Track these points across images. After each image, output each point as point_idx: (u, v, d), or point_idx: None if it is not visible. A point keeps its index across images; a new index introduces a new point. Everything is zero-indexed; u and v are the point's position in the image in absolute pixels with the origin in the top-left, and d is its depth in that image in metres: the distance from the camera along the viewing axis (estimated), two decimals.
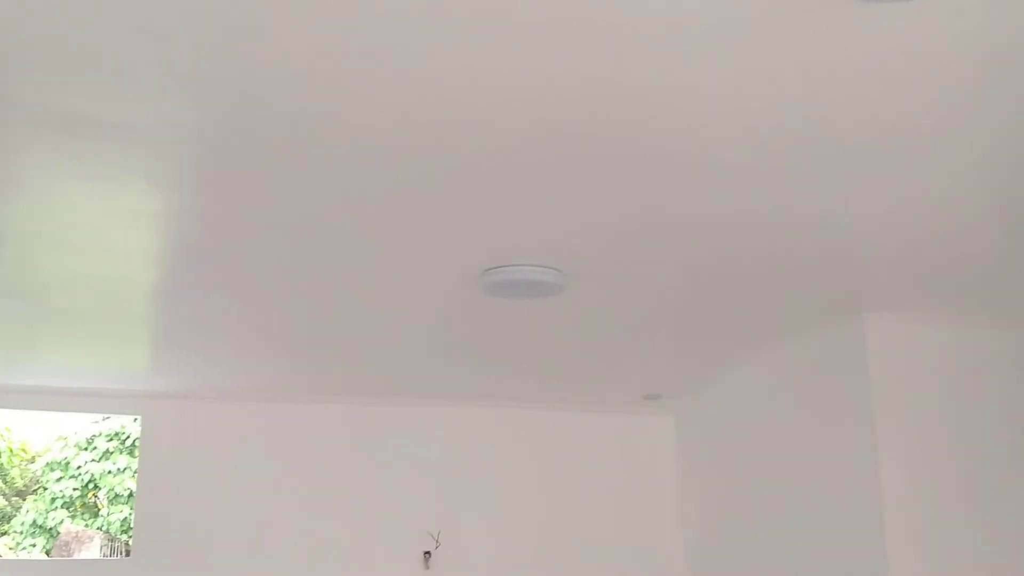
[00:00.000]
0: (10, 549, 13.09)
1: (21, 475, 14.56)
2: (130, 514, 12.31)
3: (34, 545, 13.02)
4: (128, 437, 13.26)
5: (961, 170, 2.88)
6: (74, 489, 13.19)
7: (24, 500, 14.07)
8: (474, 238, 3.36)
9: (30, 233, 3.23)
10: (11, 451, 14.36)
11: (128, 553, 12.09)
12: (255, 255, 3.50)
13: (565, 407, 6.19)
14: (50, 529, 13.10)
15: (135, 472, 11.08)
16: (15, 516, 13.66)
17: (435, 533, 5.91)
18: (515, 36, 2.11)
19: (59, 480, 13.33)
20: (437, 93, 2.34)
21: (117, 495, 13.11)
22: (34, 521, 13.16)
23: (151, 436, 5.74)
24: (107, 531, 13.13)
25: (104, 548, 12.95)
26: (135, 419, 11.53)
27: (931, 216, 3.26)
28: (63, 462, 13.39)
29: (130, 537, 11.14)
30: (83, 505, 13.35)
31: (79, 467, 13.24)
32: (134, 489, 8.74)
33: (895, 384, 4.40)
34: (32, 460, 14.45)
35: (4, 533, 13.54)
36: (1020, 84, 2.36)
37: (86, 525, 13.20)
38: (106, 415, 12.26)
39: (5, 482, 14.35)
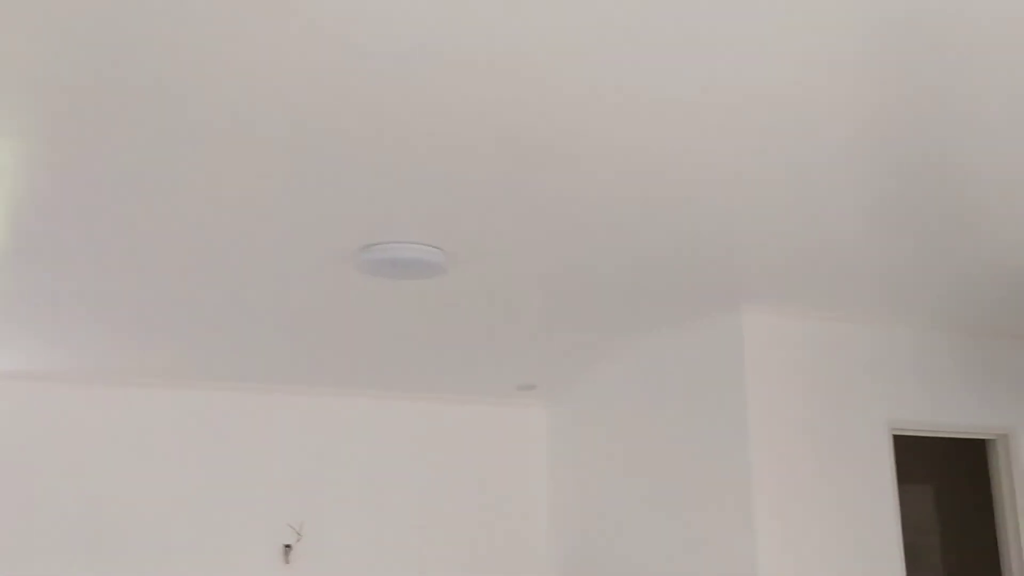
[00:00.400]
0: None
1: None
2: None
3: None
4: None
5: (833, 161, 2.85)
6: None
7: None
8: (352, 212, 3.15)
9: None
10: None
11: None
12: (104, 222, 3.18)
13: (437, 397, 6.01)
14: None
15: None
16: None
17: (297, 526, 5.64)
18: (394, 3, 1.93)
19: None
20: (311, 65, 2.15)
21: None
22: None
23: None
24: None
25: None
26: None
27: (805, 209, 3.24)
28: None
29: None
30: None
31: None
32: None
33: (769, 379, 4.43)
34: None
35: None
36: (892, 71, 2.31)
37: None
38: None
39: None
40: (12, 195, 2.97)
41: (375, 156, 2.71)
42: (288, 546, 5.60)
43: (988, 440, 5.07)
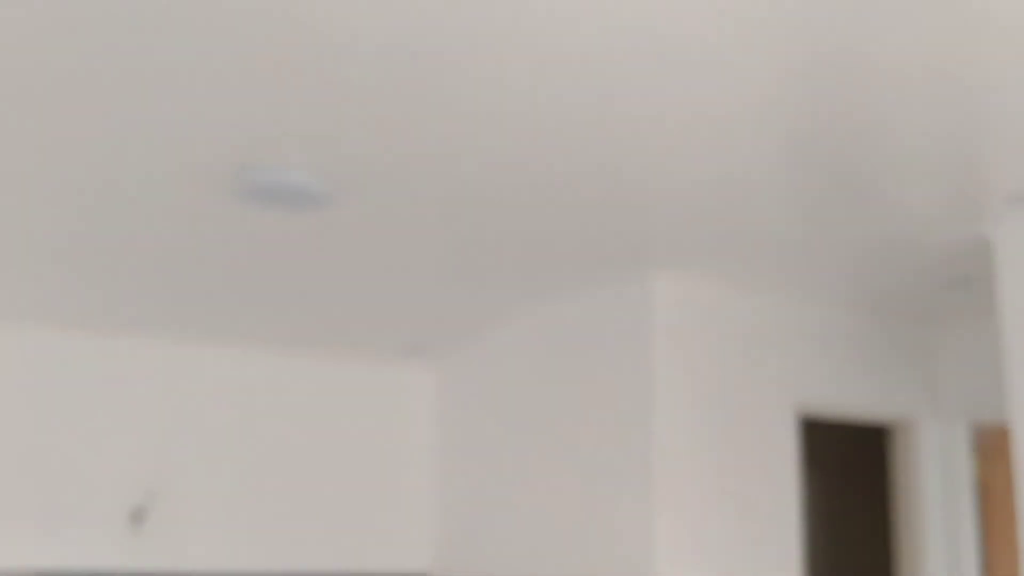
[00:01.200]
0: None
1: None
2: None
3: None
4: None
5: (754, 131, 2.72)
6: None
7: None
8: (224, 128, 2.69)
9: None
10: None
11: None
12: None
13: (315, 353, 5.55)
14: None
15: None
16: None
17: (148, 488, 5.11)
18: None
19: None
20: None
21: None
22: None
23: None
24: None
25: None
26: None
27: (718, 178, 3.08)
28: None
29: None
30: None
31: None
32: None
33: (677, 350, 4.16)
34: None
35: None
36: (804, 35, 2.19)
37: None
38: None
39: None
40: None
41: (248, 63, 2.27)
42: (138, 510, 5.07)
43: (888, 427, 4.94)
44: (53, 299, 4.63)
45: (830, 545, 5.57)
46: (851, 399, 4.67)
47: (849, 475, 5.98)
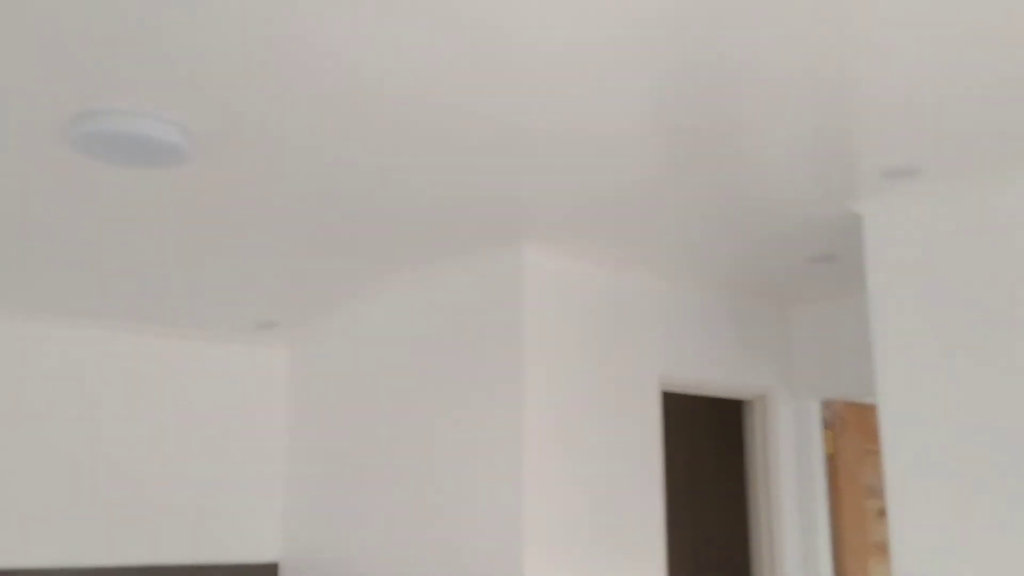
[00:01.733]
0: None
1: None
2: None
3: None
4: None
5: (627, 98, 2.66)
6: None
7: None
8: (66, 62, 2.37)
9: None
10: None
11: None
12: None
13: (157, 329, 5.14)
14: None
15: None
16: None
17: None
18: None
19: None
20: None
21: None
22: None
23: None
24: None
25: None
26: None
27: (596, 149, 3.03)
28: None
29: None
30: None
31: None
32: None
33: (547, 323, 4.06)
34: None
35: None
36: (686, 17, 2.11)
37: None
38: None
39: None
40: None
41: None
42: None
43: (746, 401, 5.02)
44: None
45: (691, 512, 5.64)
46: (712, 374, 4.71)
47: (712, 446, 6.08)
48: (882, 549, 5.11)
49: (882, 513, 5.18)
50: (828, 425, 5.10)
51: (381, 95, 2.63)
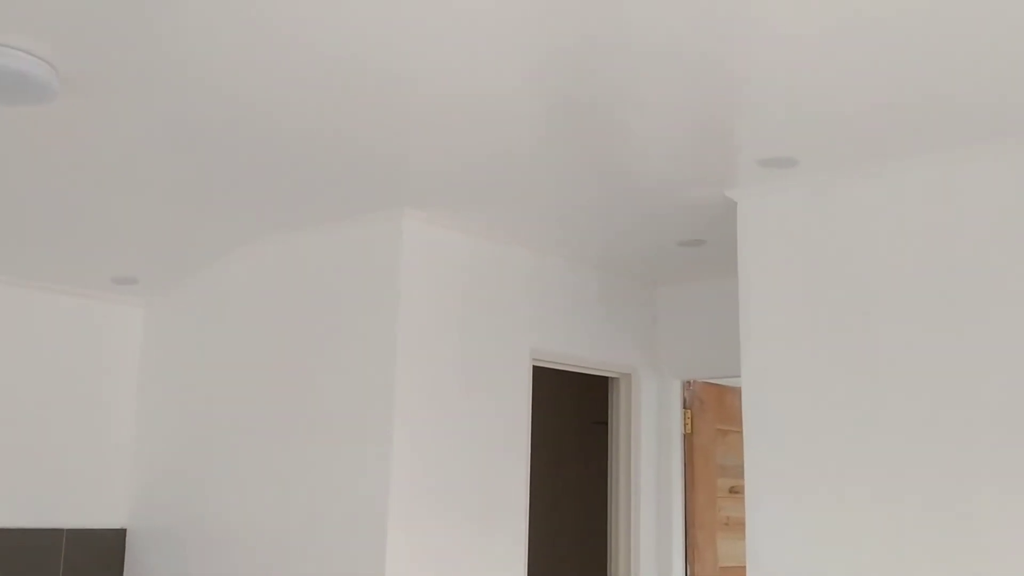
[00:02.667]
0: None
1: None
2: None
3: None
4: None
5: (508, 63, 2.64)
6: None
7: None
8: None
9: None
10: None
11: None
12: None
13: (10, 280, 4.80)
14: None
15: None
16: None
17: None
18: None
19: None
20: None
21: None
22: None
23: None
24: None
25: None
26: None
27: (474, 107, 2.98)
28: None
29: None
30: None
31: None
32: None
33: (423, 290, 4.02)
34: None
35: None
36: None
37: None
38: None
39: None
40: None
41: None
42: None
43: (611, 378, 5.12)
44: None
45: (552, 485, 5.72)
46: (581, 350, 4.78)
47: (576, 422, 6.18)
48: (730, 525, 5.33)
49: (732, 491, 5.40)
50: (687, 405, 5.26)
51: (260, 38, 2.52)
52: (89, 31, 2.44)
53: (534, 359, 4.53)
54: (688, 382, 5.26)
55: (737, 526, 5.18)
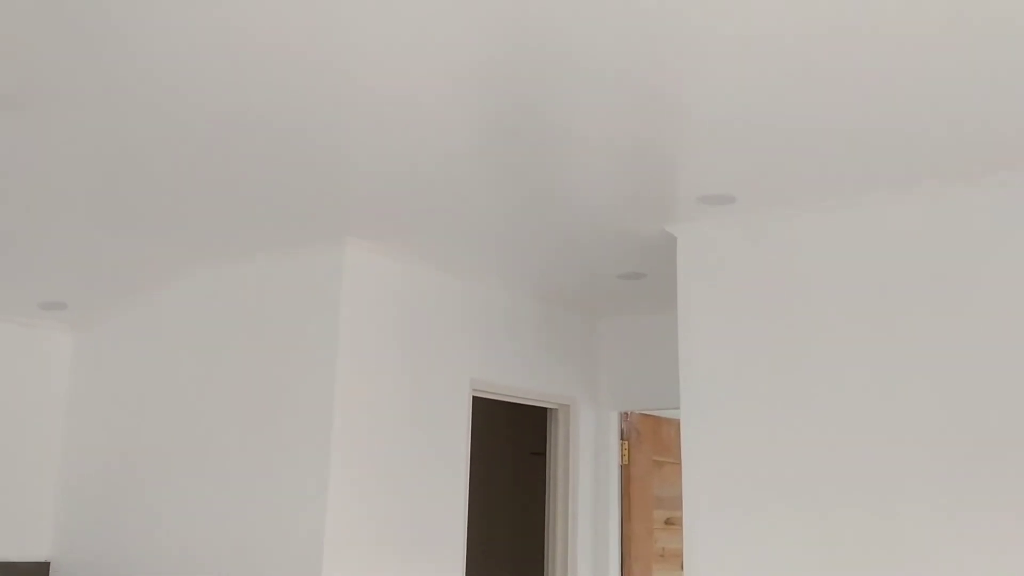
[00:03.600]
0: None
1: None
2: None
3: None
4: None
5: (448, 115, 2.73)
6: None
7: None
8: None
9: None
10: None
11: None
12: None
13: None
14: None
15: None
16: None
17: None
18: None
19: None
20: None
21: None
22: None
23: None
24: None
25: None
26: None
27: (415, 151, 3.05)
28: None
29: None
30: None
31: None
32: None
33: (364, 322, 4.00)
34: None
35: None
36: (521, 31, 2.24)
37: None
38: None
39: None
40: None
41: None
42: None
43: (549, 409, 5.13)
44: None
45: (489, 517, 5.69)
46: (520, 381, 4.79)
47: (512, 453, 6.17)
48: (666, 556, 5.36)
49: (668, 522, 5.44)
50: (624, 436, 5.30)
51: (197, 56, 2.50)
52: (23, 47, 2.39)
53: (474, 390, 4.52)
54: (625, 413, 5.30)
55: (673, 557, 5.21)
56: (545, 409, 5.16)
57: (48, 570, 4.73)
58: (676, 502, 5.52)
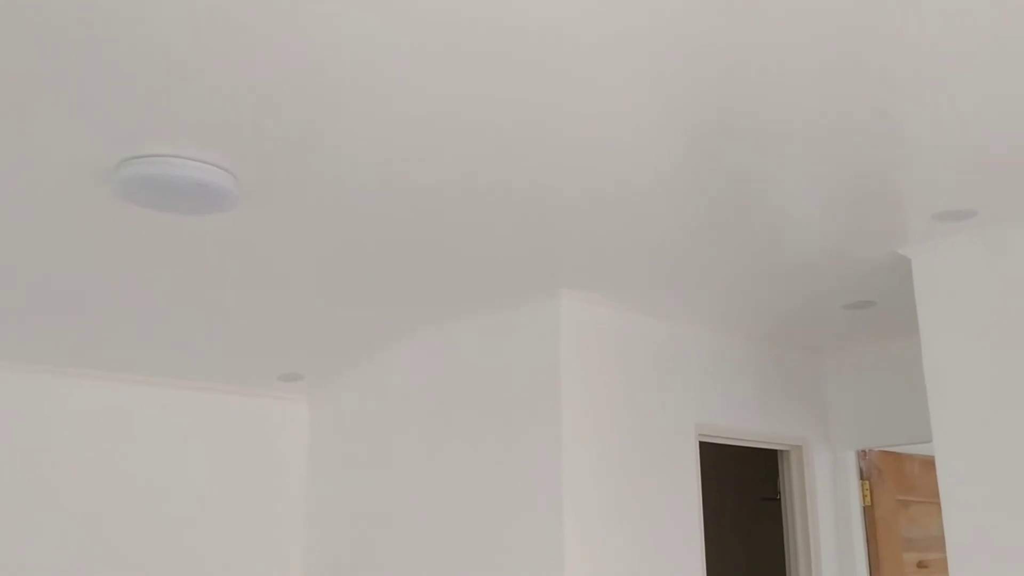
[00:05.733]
0: None
1: None
2: None
3: None
4: None
5: (652, 157, 2.69)
6: None
7: None
8: (109, 106, 2.31)
9: None
10: None
11: None
12: None
13: (176, 383, 5.03)
14: None
15: None
16: None
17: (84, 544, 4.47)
18: None
19: None
20: None
21: None
22: None
23: None
24: None
25: None
26: None
27: (630, 210, 3.06)
28: None
29: None
30: None
31: None
32: None
33: (583, 370, 3.97)
34: None
35: None
36: (704, 92, 2.21)
37: None
38: None
39: None
40: None
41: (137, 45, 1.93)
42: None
43: (781, 451, 4.91)
44: None
45: (724, 565, 5.49)
46: (747, 424, 4.62)
47: (743, 498, 5.96)
48: None
49: (921, 565, 5.05)
50: (864, 476, 4.99)
51: (420, 151, 2.58)
52: (266, 142, 2.55)
53: (700, 435, 4.40)
54: (863, 451, 4.99)
55: None
56: (771, 452, 4.94)
57: None
58: (927, 543, 5.13)
